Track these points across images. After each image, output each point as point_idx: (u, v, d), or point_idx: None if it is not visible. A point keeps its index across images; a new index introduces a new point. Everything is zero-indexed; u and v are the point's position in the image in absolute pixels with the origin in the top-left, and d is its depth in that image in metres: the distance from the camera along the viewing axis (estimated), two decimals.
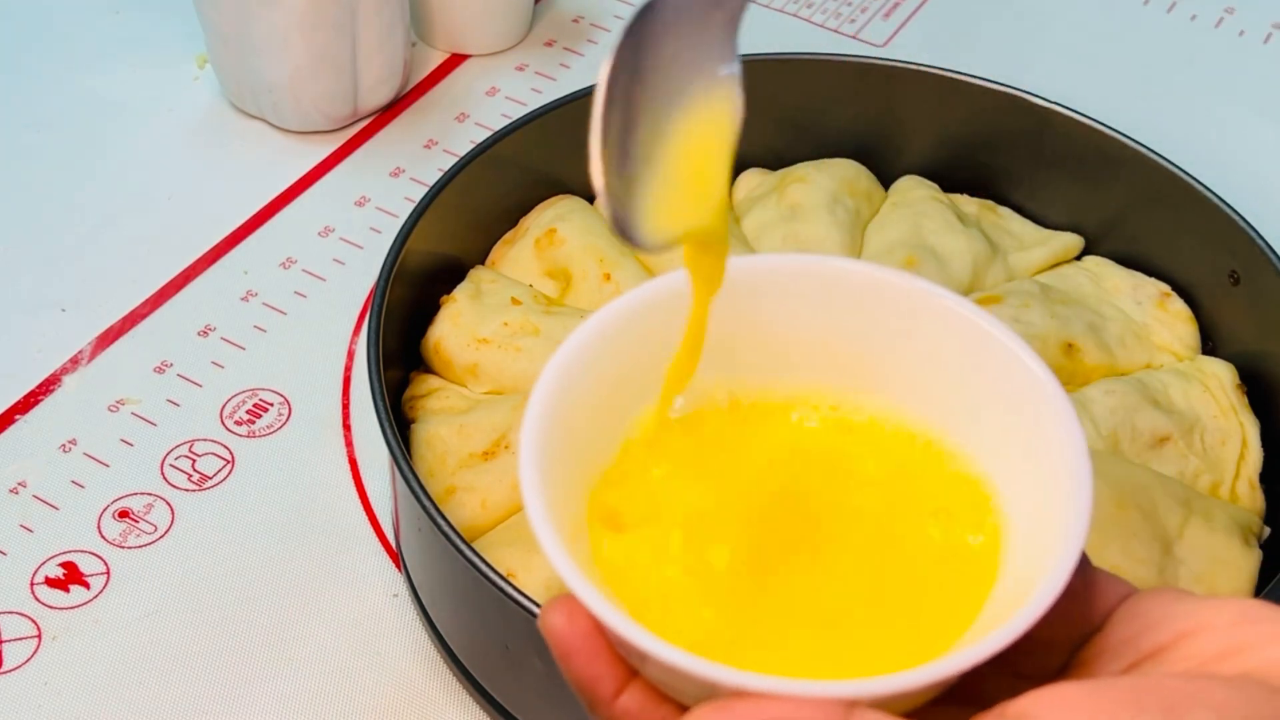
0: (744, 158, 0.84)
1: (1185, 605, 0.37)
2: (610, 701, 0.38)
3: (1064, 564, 0.36)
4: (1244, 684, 0.34)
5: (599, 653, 0.38)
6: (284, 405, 0.78)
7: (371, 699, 0.66)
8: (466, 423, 0.69)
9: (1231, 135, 0.95)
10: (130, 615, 0.69)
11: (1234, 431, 0.71)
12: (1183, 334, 0.76)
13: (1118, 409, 0.70)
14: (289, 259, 0.85)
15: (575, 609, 0.38)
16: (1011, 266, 0.79)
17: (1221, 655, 0.36)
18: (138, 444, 0.76)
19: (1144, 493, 0.66)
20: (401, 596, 0.70)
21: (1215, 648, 0.36)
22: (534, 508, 0.38)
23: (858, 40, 1.02)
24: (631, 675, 0.38)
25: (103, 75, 0.97)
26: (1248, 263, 0.72)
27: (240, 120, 0.94)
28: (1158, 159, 0.75)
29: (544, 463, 0.39)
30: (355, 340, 0.81)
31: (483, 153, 0.75)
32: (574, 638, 0.38)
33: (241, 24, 0.87)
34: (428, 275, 0.74)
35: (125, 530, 0.72)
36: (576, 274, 0.76)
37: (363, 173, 0.91)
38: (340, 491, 0.74)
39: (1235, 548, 0.66)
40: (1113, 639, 0.38)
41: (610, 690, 0.38)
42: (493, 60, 0.99)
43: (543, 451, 0.39)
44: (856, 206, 0.80)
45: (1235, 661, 0.35)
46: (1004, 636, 0.35)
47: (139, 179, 0.90)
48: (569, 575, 0.37)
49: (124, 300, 0.83)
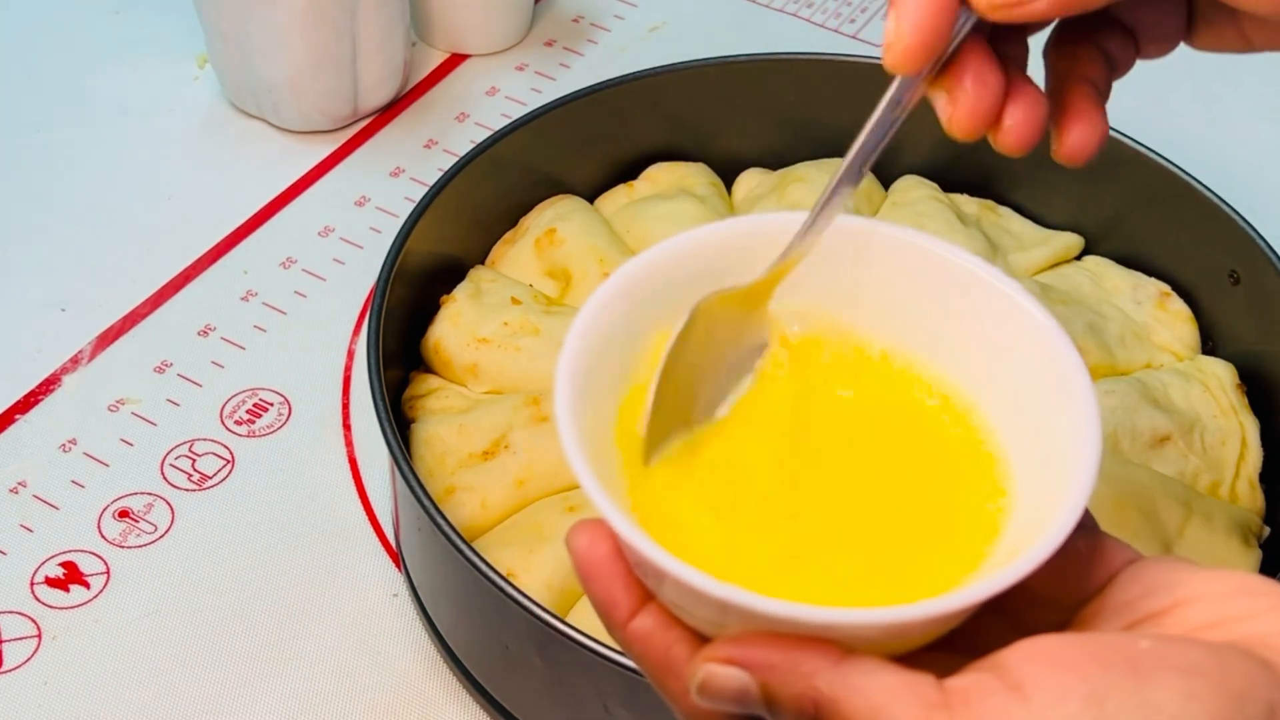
0: (744, 158, 0.84)
1: (1186, 574, 0.38)
2: (625, 624, 0.39)
3: (1066, 517, 0.37)
4: (1221, 650, 0.34)
5: (617, 576, 0.39)
6: (284, 405, 0.78)
7: (371, 699, 0.66)
8: (466, 422, 0.69)
9: (1231, 135, 0.95)
10: (130, 615, 0.69)
11: (1234, 431, 0.71)
12: (1183, 334, 0.76)
13: (1118, 409, 0.70)
14: (289, 259, 0.85)
15: (598, 533, 0.40)
16: (1011, 266, 0.79)
17: (1213, 624, 0.36)
18: (138, 444, 0.76)
19: (1144, 493, 0.66)
20: (401, 596, 0.70)
21: (1208, 616, 0.36)
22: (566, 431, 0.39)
23: (858, 40, 1.02)
24: (647, 599, 0.39)
25: (103, 75, 0.97)
26: (1248, 263, 0.72)
27: (240, 120, 0.94)
28: (1158, 159, 0.75)
29: (576, 391, 0.40)
30: (355, 340, 0.81)
31: (483, 153, 0.75)
32: (595, 560, 0.40)
33: (241, 24, 0.87)
34: (428, 275, 0.74)
35: (125, 530, 0.72)
36: (576, 274, 0.76)
37: (363, 173, 0.91)
38: (340, 491, 0.74)
39: (1235, 547, 0.66)
40: (1112, 601, 0.39)
41: (626, 613, 0.39)
42: (493, 60, 0.99)
43: (576, 380, 0.41)
44: (856, 206, 0.80)
45: (1224, 630, 0.36)
46: (998, 582, 0.36)
47: (139, 179, 0.90)
48: (594, 492, 0.38)
49: (124, 300, 0.83)
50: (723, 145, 0.83)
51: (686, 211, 0.78)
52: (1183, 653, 0.34)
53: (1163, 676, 0.33)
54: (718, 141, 0.83)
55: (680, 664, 0.39)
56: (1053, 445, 0.40)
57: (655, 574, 0.38)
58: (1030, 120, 0.45)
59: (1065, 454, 0.39)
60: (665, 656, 0.39)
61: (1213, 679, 0.33)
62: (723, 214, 0.79)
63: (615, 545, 0.40)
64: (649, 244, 0.79)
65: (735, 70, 0.81)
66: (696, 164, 0.83)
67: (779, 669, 0.36)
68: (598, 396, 0.42)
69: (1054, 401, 0.41)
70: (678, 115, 0.82)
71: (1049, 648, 0.35)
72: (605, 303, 0.42)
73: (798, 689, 0.36)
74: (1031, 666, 0.34)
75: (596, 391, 0.42)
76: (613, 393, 0.43)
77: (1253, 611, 0.36)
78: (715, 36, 1.00)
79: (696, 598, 0.37)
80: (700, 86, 0.81)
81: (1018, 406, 0.42)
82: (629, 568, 0.39)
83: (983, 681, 0.34)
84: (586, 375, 0.41)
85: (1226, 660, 0.34)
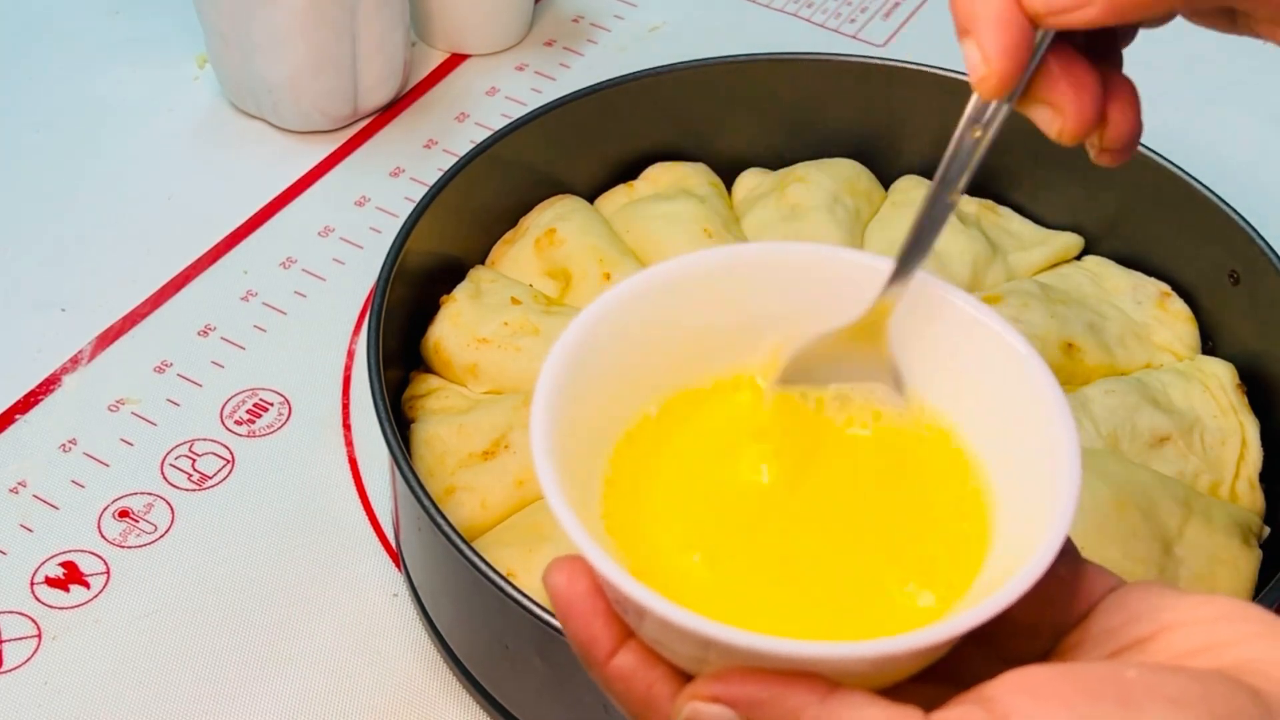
0: (744, 157, 0.84)
1: (1169, 600, 0.37)
2: (605, 662, 0.39)
3: (1047, 548, 0.37)
4: (1208, 678, 0.34)
5: (597, 613, 0.39)
6: (284, 405, 0.78)
7: (371, 699, 0.66)
8: (466, 422, 0.69)
9: (1231, 135, 0.95)
10: (130, 615, 0.69)
11: (1234, 431, 0.71)
12: (1183, 334, 0.76)
13: (1117, 409, 0.70)
14: (289, 259, 0.85)
15: (576, 569, 0.39)
16: (1011, 266, 0.79)
17: (1198, 650, 0.36)
18: (138, 444, 0.76)
19: (1144, 493, 0.66)
20: (401, 596, 0.70)
21: (1193, 643, 0.36)
22: (542, 465, 0.39)
23: (858, 40, 1.02)
24: (627, 637, 0.39)
25: (103, 75, 0.97)
26: (1248, 263, 0.72)
27: (240, 120, 0.94)
28: (1158, 159, 0.75)
29: (555, 425, 0.40)
30: (355, 340, 0.81)
31: (483, 153, 0.75)
32: (573, 597, 0.39)
33: (241, 24, 0.87)
34: (428, 275, 0.74)
35: (125, 530, 0.72)
36: (576, 274, 0.76)
37: (363, 173, 0.91)
38: (340, 491, 0.74)
39: (1235, 547, 0.66)
40: (1096, 629, 0.38)
41: (606, 651, 0.39)
42: (493, 60, 0.99)
43: (555, 414, 0.40)
44: (856, 206, 0.80)
45: (1209, 657, 0.36)
46: (983, 612, 0.36)
47: (139, 179, 0.90)
48: (571, 527, 0.37)
49: (124, 300, 0.83)
50: (723, 145, 0.83)
51: (686, 211, 0.78)
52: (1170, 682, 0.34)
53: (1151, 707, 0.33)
54: (718, 141, 0.83)
55: (663, 702, 0.38)
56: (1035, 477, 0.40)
57: (636, 611, 0.37)
58: (1130, 115, 0.44)
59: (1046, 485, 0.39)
60: (647, 695, 0.38)
61: (1200, 708, 0.33)
62: (723, 214, 0.79)
63: (594, 582, 0.39)
64: (649, 244, 0.80)
65: (735, 70, 0.81)
66: (696, 164, 0.83)
67: (765, 705, 0.36)
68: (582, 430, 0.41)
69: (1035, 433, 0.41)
70: (678, 115, 0.82)
71: (1035, 679, 0.34)
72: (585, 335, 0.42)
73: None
74: (1018, 698, 0.34)
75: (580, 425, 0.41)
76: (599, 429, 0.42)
77: (1237, 637, 0.36)
78: (715, 36, 1.00)
79: (679, 634, 0.36)
80: (700, 86, 0.81)
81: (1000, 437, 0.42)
82: (608, 604, 0.39)
83: (969, 715, 0.34)
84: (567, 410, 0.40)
85: (1213, 688, 0.34)
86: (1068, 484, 0.38)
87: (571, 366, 0.41)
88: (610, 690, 0.39)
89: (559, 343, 0.41)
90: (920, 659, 0.38)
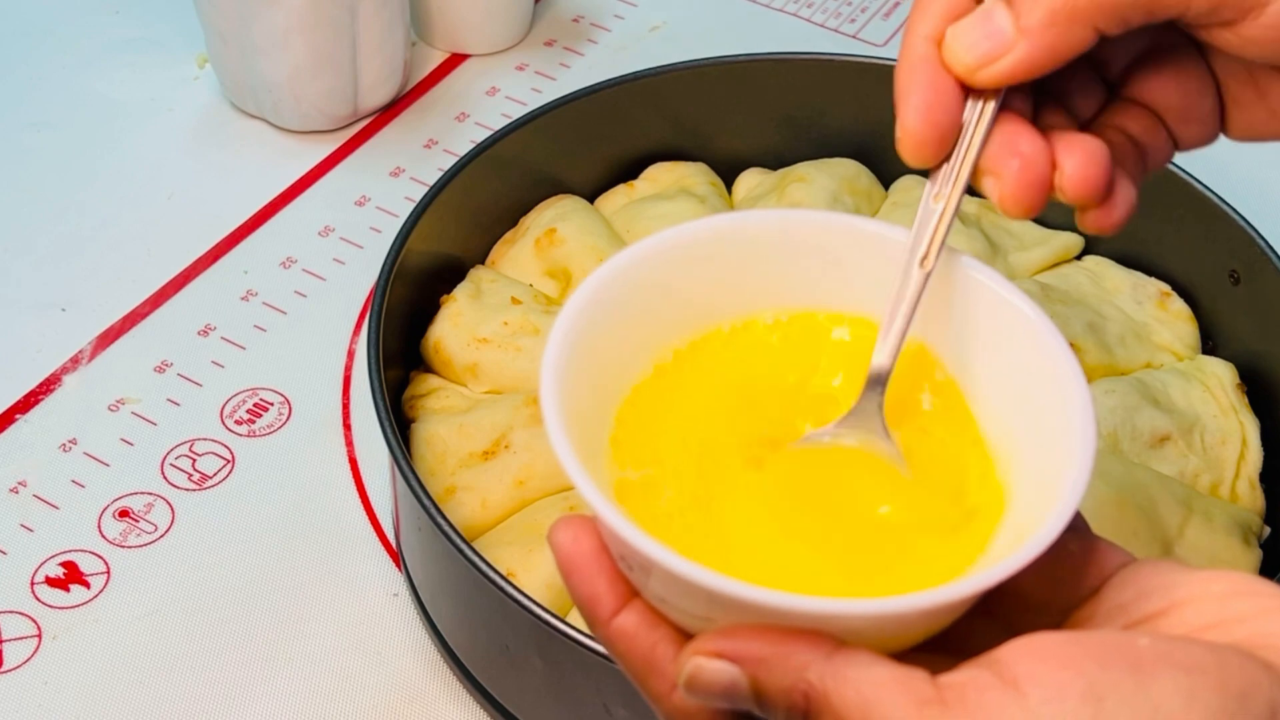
0: (744, 158, 0.84)
1: (1181, 575, 0.37)
2: (608, 621, 0.39)
3: (1060, 512, 0.37)
4: (1222, 650, 0.34)
5: (600, 571, 0.39)
6: (284, 405, 0.78)
7: (371, 699, 0.66)
8: (466, 422, 0.69)
9: None
10: (130, 615, 0.69)
11: (1234, 431, 0.71)
12: (1183, 333, 0.76)
13: (1118, 408, 0.70)
14: (289, 259, 0.85)
15: (581, 528, 0.39)
16: (1011, 266, 0.79)
17: (1210, 625, 0.36)
18: (138, 443, 0.76)
19: (1144, 492, 0.66)
20: (401, 596, 0.70)
21: (1206, 618, 0.36)
22: (552, 422, 0.39)
23: (858, 40, 1.02)
24: (631, 597, 0.39)
25: (103, 75, 0.97)
26: (1248, 263, 0.72)
27: (240, 120, 0.94)
28: None
29: (564, 382, 0.40)
30: (355, 340, 0.81)
31: (483, 153, 0.75)
32: (576, 554, 0.39)
33: (241, 24, 0.87)
34: (428, 275, 0.74)
35: (125, 530, 0.72)
36: (576, 273, 0.76)
37: (363, 173, 0.91)
38: (340, 491, 0.74)
39: (1235, 547, 0.66)
40: (1107, 604, 0.38)
41: (609, 609, 0.39)
42: (493, 60, 0.99)
43: (564, 370, 0.40)
44: (857, 206, 0.80)
45: (1223, 631, 0.35)
46: (993, 575, 0.36)
47: (139, 179, 0.90)
48: (579, 479, 0.37)
49: (124, 300, 0.83)
50: (723, 145, 0.83)
51: (687, 211, 0.78)
52: (1184, 651, 0.34)
53: (1163, 674, 0.33)
54: (718, 141, 0.83)
55: (665, 662, 0.38)
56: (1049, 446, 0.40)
57: (642, 564, 0.37)
58: (1090, 163, 0.43)
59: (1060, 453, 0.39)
60: (649, 654, 0.38)
61: (1214, 678, 0.33)
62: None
63: (599, 541, 0.39)
64: None
65: (735, 70, 0.81)
66: (696, 164, 0.83)
67: (769, 662, 0.35)
68: (588, 390, 0.41)
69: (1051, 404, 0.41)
70: (678, 115, 0.82)
71: (1046, 644, 0.34)
72: (593, 295, 0.42)
73: (788, 682, 0.35)
74: (1028, 663, 0.34)
75: (587, 385, 0.41)
76: (606, 389, 0.42)
77: (1251, 612, 0.36)
78: (715, 36, 1.00)
79: (684, 589, 0.36)
80: (700, 86, 0.81)
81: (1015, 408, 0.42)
82: (613, 564, 0.39)
83: (978, 677, 0.34)
84: (575, 368, 0.41)
85: (1227, 660, 0.34)
86: (1083, 451, 0.38)
87: (580, 329, 0.41)
88: (613, 650, 0.39)
89: (569, 304, 0.41)
90: (930, 620, 0.38)
